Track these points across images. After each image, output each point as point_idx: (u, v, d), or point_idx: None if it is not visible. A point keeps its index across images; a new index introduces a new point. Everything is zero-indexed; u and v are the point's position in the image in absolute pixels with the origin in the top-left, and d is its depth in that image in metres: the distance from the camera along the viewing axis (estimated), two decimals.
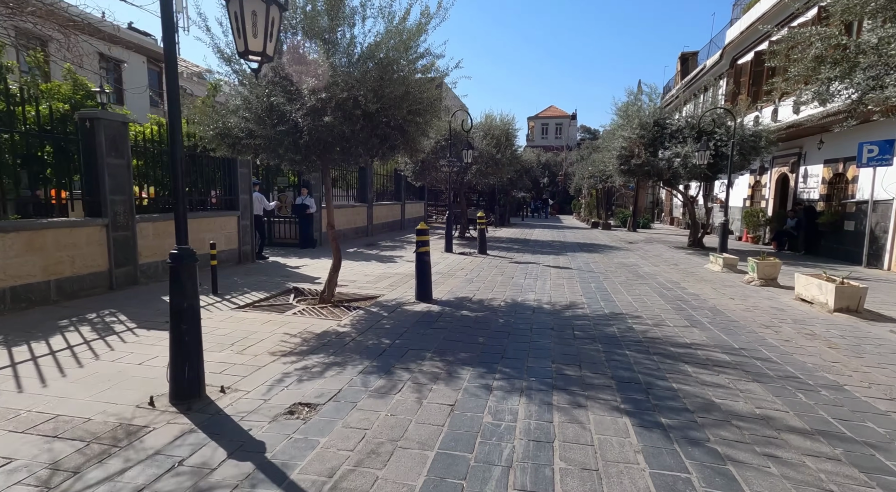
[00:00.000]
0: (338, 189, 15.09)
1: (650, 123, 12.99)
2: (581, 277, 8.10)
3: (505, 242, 14.62)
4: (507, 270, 8.76)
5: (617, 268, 9.39)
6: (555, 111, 56.25)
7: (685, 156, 11.79)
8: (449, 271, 8.58)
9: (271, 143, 4.96)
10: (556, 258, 10.78)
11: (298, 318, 5.10)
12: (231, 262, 8.54)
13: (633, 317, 5.38)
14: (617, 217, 25.16)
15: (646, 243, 15.09)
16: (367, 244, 12.71)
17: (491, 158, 13.88)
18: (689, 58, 24.00)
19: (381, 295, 6.42)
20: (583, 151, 33.79)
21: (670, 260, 10.85)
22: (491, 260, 10.23)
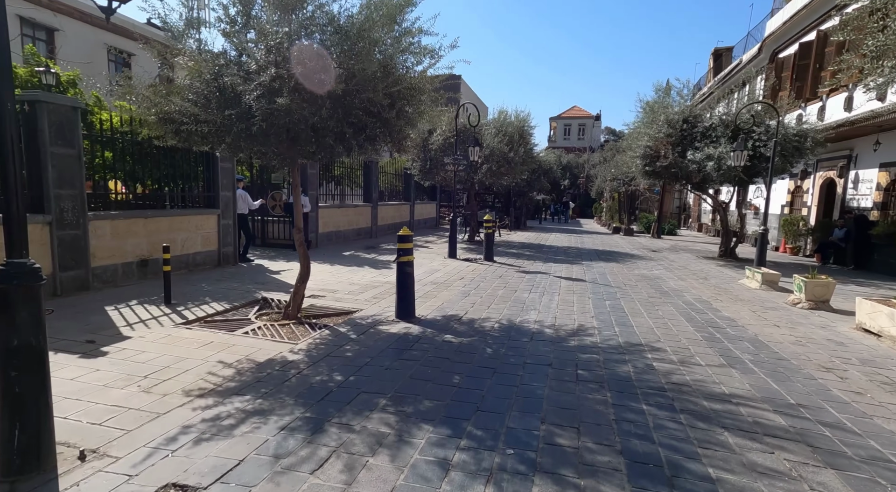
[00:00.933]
0: (344, 188, 14.38)
1: (679, 120, 11.79)
2: (595, 293, 7.08)
3: (516, 248, 13.62)
4: (512, 282, 7.81)
5: (637, 281, 8.32)
6: (578, 111, 54.66)
7: (718, 157, 10.58)
8: (446, 281, 7.68)
9: (218, 129, 4.17)
10: (570, 268, 9.75)
11: (247, 339, 4.29)
12: (209, 264, 7.85)
13: (653, 349, 4.38)
14: (640, 222, 23.78)
15: (671, 252, 13.85)
16: (366, 247, 11.93)
17: (503, 157, 12.91)
18: (723, 54, 22.46)
19: (360, 310, 5.57)
20: (606, 152, 32.41)
21: (699, 273, 9.68)
22: (496, 269, 9.28)
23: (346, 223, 12.79)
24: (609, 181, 25.45)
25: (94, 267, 5.85)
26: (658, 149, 11.55)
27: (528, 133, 14.33)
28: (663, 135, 11.65)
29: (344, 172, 14.14)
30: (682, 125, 11.80)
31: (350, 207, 13.15)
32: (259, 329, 4.63)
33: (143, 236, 6.52)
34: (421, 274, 8.22)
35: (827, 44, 12.18)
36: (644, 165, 12.08)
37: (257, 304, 5.69)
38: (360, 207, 13.70)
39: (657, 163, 11.58)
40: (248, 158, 9.12)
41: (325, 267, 8.56)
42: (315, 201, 11.04)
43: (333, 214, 12.14)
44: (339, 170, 13.98)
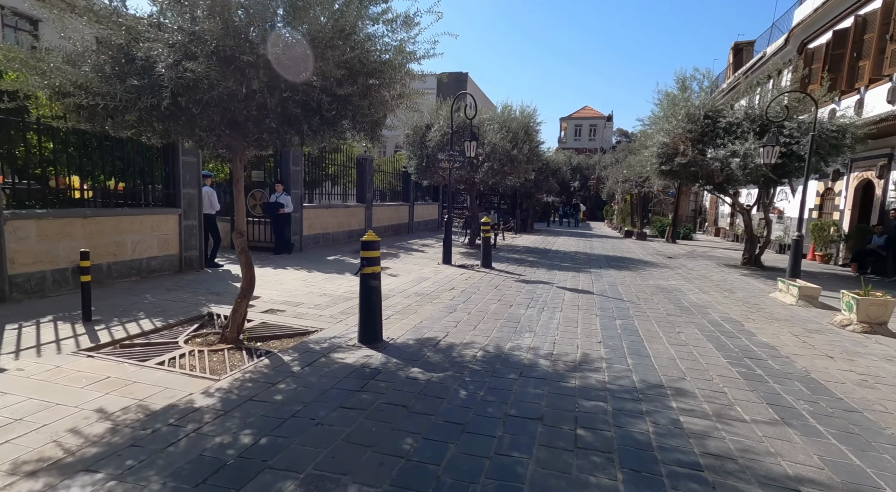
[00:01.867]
0: (334, 187, 13.52)
1: (699, 115, 10.71)
2: (603, 308, 6.07)
3: (520, 253, 12.62)
4: (508, 294, 6.83)
5: (653, 294, 7.28)
6: (589, 112, 53.42)
7: (745, 154, 9.49)
8: (433, 292, 6.73)
9: (118, 105, 3.27)
10: (577, 277, 8.73)
11: (157, 373, 3.38)
12: (168, 270, 7.00)
13: (678, 393, 3.38)
14: (653, 226, 22.60)
15: (689, 259, 12.73)
16: (355, 251, 11.02)
17: (506, 155, 11.93)
18: (744, 48, 21.22)
19: (319, 329, 4.65)
20: (617, 153, 31.22)
21: (722, 283, 8.60)
22: (493, 277, 8.31)
23: (335, 225, 11.91)
24: (620, 183, 24.29)
25: (14, 275, 5.01)
26: (676, 146, 10.47)
27: (533, 130, 13.34)
28: (682, 130, 10.58)
29: (338, 170, 13.27)
30: (704, 120, 10.73)
31: (340, 207, 12.27)
32: (182, 357, 3.73)
33: (82, 239, 5.68)
34: (406, 283, 7.28)
35: (866, 30, 11.01)
36: (660, 163, 11.01)
37: (199, 321, 4.79)
38: (351, 207, 12.82)
39: (675, 161, 10.51)
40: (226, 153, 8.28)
41: (299, 274, 7.67)
42: (299, 201, 10.17)
43: (321, 214, 11.27)
44: (332, 168, 13.12)
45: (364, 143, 5.17)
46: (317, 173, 12.47)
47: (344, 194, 13.84)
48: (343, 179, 13.76)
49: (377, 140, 5.11)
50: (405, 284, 7.29)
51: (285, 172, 9.77)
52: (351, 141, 5.18)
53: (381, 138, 5.21)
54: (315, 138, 4.25)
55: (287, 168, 9.74)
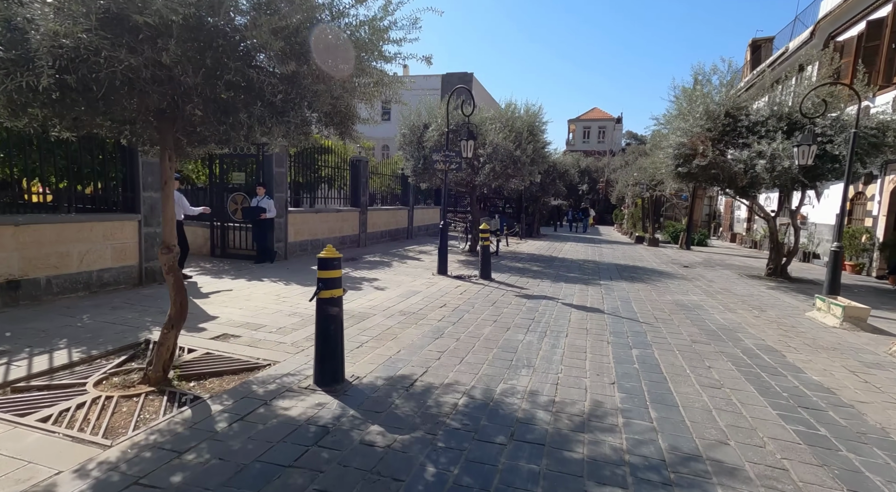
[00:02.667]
0: (333, 190, 12.76)
1: (720, 112, 9.80)
2: (616, 333, 5.20)
3: (524, 261, 11.75)
4: (507, 313, 5.98)
5: (672, 312, 6.39)
6: (598, 113, 52.40)
7: (772, 155, 8.56)
8: (420, 310, 5.90)
9: None
10: (585, 290, 7.85)
11: (30, 435, 2.59)
12: (125, 283, 6.24)
13: (722, 472, 2.51)
14: (666, 231, 21.60)
15: (706, 268, 11.77)
16: (346, 259, 10.23)
17: (508, 156, 11.09)
18: (763, 44, 20.20)
19: (272, 363, 3.84)
20: (627, 156, 30.25)
21: (749, 299, 7.67)
22: (491, 291, 7.46)
23: (325, 231, 11.14)
24: (631, 186, 23.33)
25: None
26: (694, 146, 9.56)
27: (539, 129, 12.49)
28: (701, 129, 9.67)
29: (331, 173, 12.52)
30: (724, 118, 9.81)
31: (331, 211, 11.49)
32: (81, 408, 2.94)
33: (13, 249, 4.94)
34: (393, 299, 6.47)
35: None
36: (676, 165, 10.10)
37: (131, 351, 4.01)
38: (344, 212, 12.04)
39: (693, 163, 9.59)
40: (205, 154, 7.55)
41: (274, 288, 6.88)
42: (284, 205, 9.41)
43: (309, 219, 10.50)
44: (325, 170, 12.37)
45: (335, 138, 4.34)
46: (308, 176, 11.73)
47: (339, 198, 13.09)
48: (338, 182, 13.01)
49: (349, 136, 4.33)
50: (391, 299, 6.48)
51: (268, 174, 9.01)
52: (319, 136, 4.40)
53: (356, 134, 4.43)
54: (266, 132, 3.45)
55: (270, 169, 8.99)
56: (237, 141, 3.61)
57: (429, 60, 4.16)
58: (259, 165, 9.07)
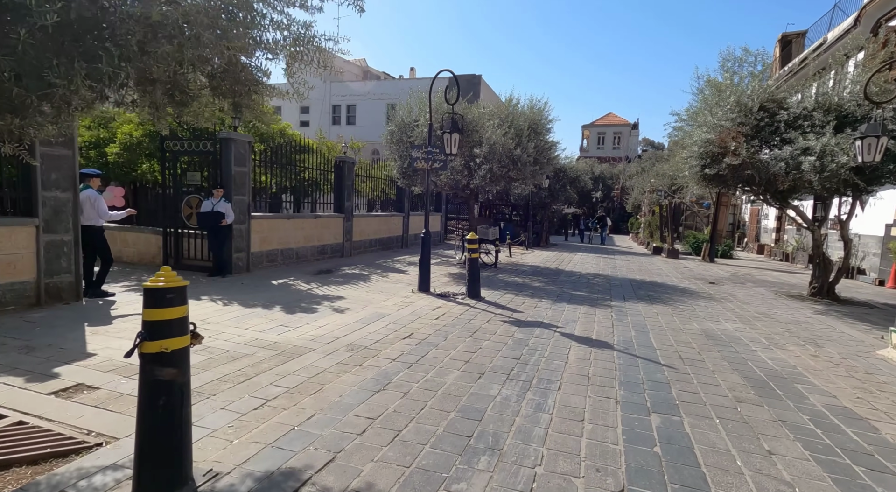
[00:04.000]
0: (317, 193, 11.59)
1: (753, 104, 8.36)
2: (629, 384, 3.81)
3: (525, 274, 10.37)
4: (486, 349, 4.63)
5: (703, 348, 4.96)
6: (613, 119, 50.79)
7: (822, 152, 7.08)
8: (375, 344, 4.60)
9: None
10: (591, 315, 6.45)
11: None
12: (16, 304, 5.08)
13: None
14: (686, 241, 19.93)
15: (736, 285, 10.23)
16: (319, 271, 8.99)
17: (507, 155, 9.78)
18: (794, 40, 18.59)
19: (104, 443, 2.57)
20: (643, 162, 28.66)
21: (796, 327, 6.17)
22: (476, 315, 6.11)
23: (300, 239, 9.94)
24: (648, 193, 21.75)
25: None
26: (724, 143, 8.11)
27: (543, 127, 11.15)
28: (732, 123, 8.23)
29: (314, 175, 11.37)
30: (759, 112, 8.36)
31: (307, 218, 10.28)
32: None
33: None
34: (348, 326, 5.18)
35: None
36: (702, 166, 8.64)
37: None
38: (324, 218, 10.83)
39: (723, 163, 8.14)
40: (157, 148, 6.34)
41: (206, 310, 5.65)
42: (246, 209, 8.24)
43: (279, 227, 9.31)
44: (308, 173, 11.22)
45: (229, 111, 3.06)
46: (288, 178, 10.59)
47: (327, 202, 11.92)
48: (325, 186, 11.85)
49: (249, 109, 3.13)
50: (346, 326, 5.19)
51: (226, 173, 7.86)
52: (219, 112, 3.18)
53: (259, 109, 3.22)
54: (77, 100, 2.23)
55: (228, 168, 7.84)
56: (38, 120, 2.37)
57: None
58: (216, 164, 7.92)
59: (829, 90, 8.35)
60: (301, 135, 11.61)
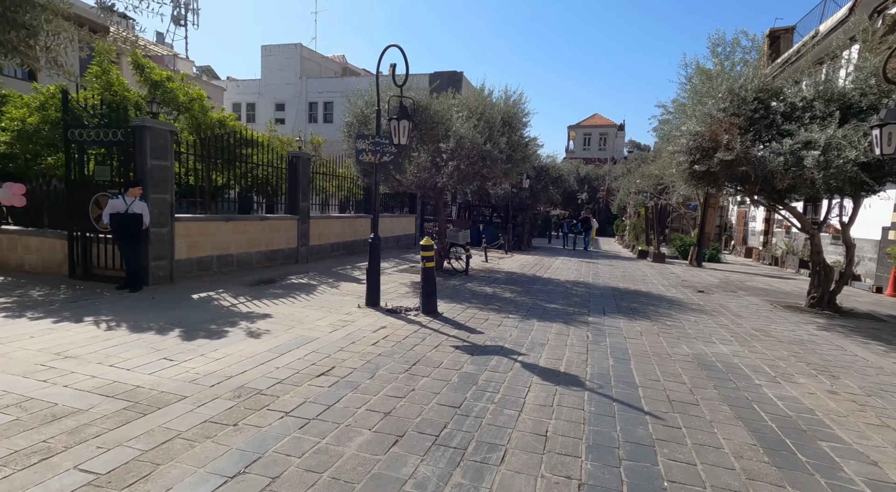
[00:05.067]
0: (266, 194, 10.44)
1: (748, 94, 7.48)
2: (599, 450, 2.79)
3: (498, 283, 9.35)
4: (418, 394, 3.56)
5: (696, 385, 3.96)
6: (599, 119, 50.29)
7: (828, 145, 6.19)
8: (276, 385, 3.51)
9: None
10: (563, 335, 5.43)
11: None
12: None
13: None
14: (672, 244, 19.15)
15: (727, 294, 9.34)
16: (258, 281, 7.85)
17: (476, 151, 8.76)
18: (782, 35, 17.94)
19: None
20: (629, 163, 27.96)
21: (801, 349, 5.23)
22: (425, 337, 5.05)
23: (244, 244, 8.78)
24: (633, 194, 20.96)
25: None
26: (716, 136, 7.20)
27: (519, 120, 10.15)
28: (724, 114, 7.33)
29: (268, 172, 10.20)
30: (753, 103, 7.48)
31: (251, 219, 9.11)
32: None
33: None
34: (255, 357, 4.08)
35: None
36: (691, 162, 7.72)
37: None
38: (273, 220, 9.67)
39: (714, 158, 7.22)
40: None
41: (74, 335, 4.50)
42: (169, 210, 7.07)
43: (215, 230, 8.14)
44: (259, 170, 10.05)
45: None
46: (231, 174, 9.43)
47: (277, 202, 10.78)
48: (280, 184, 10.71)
49: None
50: (252, 357, 4.10)
51: (140, 167, 6.69)
52: None
53: None
54: None
55: (143, 161, 6.67)
56: None
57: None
58: (127, 156, 6.74)
59: (831, 79, 7.49)
60: (247, 127, 10.43)
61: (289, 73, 31.50)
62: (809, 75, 7.75)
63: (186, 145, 7.86)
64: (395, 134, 5.77)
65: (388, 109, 6.15)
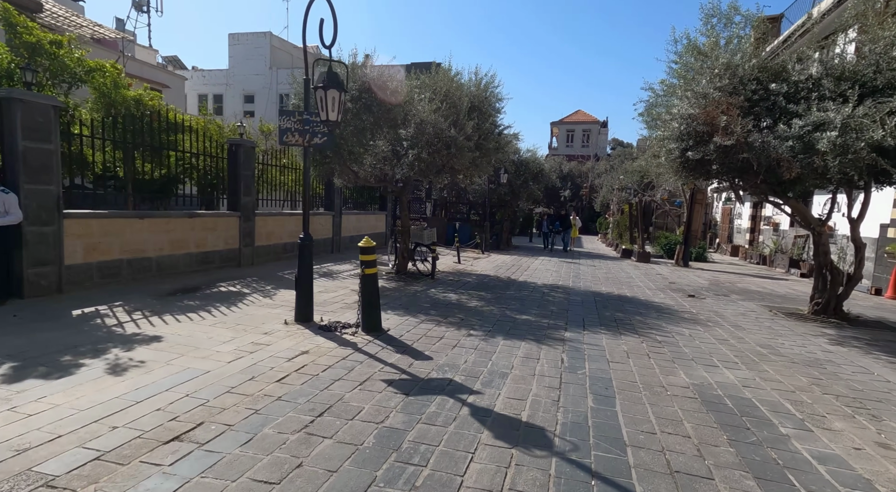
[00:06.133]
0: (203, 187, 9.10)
1: (746, 72, 6.50)
2: None
3: (467, 287, 8.23)
4: (307, 472, 2.40)
5: (702, 437, 2.89)
6: (582, 116, 49.67)
7: (845, 126, 5.23)
8: (98, 459, 2.30)
9: None
10: (531, 358, 4.33)
11: None
12: None
13: None
14: (657, 243, 18.33)
15: (720, 298, 8.40)
16: (175, 290, 6.56)
17: (438, 137, 7.61)
18: (770, 24, 17.20)
19: None
20: (613, 160, 27.19)
21: (820, 374, 4.23)
22: (353, 368, 3.88)
23: (166, 245, 7.47)
24: (616, 191, 20.08)
25: None
26: (712, 119, 6.19)
27: (490, 105, 9.01)
28: (722, 92, 6.32)
29: (210, 163, 8.87)
30: (752, 84, 6.50)
31: (174, 216, 7.78)
32: None
33: None
34: (102, 405, 2.87)
35: None
36: (683, 150, 6.70)
37: None
38: (205, 216, 8.35)
39: (710, 144, 6.21)
40: None
41: None
42: (56, 204, 5.74)
43: (123, 228, 6.81)
44: (201, 159, 8.71)
45: None
46: (154, 162, 8.09)
47: (216, 198, 9.46)
48: (217, 176, 9.37)
49: None
50: (92, 408, 2.89)
51: (9, 150, 5.36)
52: None
53: None
54: None
55: (13, 142, 5.34)
56: None
57: None
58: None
59: (842, 53, 6.54)
60: (169, 106, 9.05)
61: (258, 64, 29.85)
62: (819, 50, 6.80)
63: (91, 127, 6.51)
64: (322, 107, 4.57)
65: (306, 74, 4.90)
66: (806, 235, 14.67)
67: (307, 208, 5.31)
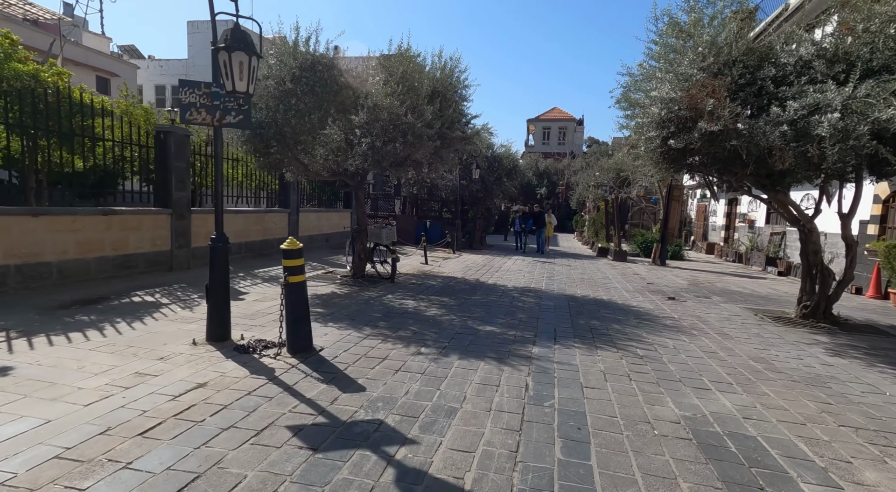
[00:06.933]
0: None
1: (733, 52, 5.86)
2: None
3: (429, 292, 7.38)
4: None
5: None
6: (558, 113, 49.45)
7: (847, 108, 4.61)
8: None
9: None
10: (488, 385, 3.51)
11: None
12: None
13: None
14: (634, 241, 17.89)
15: (701, 301, 7.80)
16: (74, 301, 5.48)
17: (394, 124, 6.73)
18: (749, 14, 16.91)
19: None
20: (588, 157, 26.81)
21: (826, 395, 3.57)
22: (256, 408, 2.97)
23: (72, 247, 6.36)
24: (592, 188, 19.57)
25: None
26: (697, 103, 5.50)
27: (455, 92, 8.16)
28: (706, 73, 5.66)
29: (138, 152, 7.71)
30: (738, 66, 5.87)
31: (82, 213, 6.64)
32: None
33: None
34: None
35: None
36: (664, 138, 6.01)
37: None
38: (125, 214, 7.23)
39: (695, 130, 5.54)
40: None
41: None
42: None
43: (11, 227, 5.69)
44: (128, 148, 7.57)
45: None
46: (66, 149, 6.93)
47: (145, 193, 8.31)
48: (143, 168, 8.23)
49: None
50: None
51: None
52: None
53: None
54: None
55: None
56: None
57: None
58: None
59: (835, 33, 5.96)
60: (82, 87, 7.87)
61: None
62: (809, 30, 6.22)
63: None
64: (227, 75, 3.63)
65: (213, 37, 3.91)
66: (782, 233, 14.40)
67: (220, 202, 4.35)
